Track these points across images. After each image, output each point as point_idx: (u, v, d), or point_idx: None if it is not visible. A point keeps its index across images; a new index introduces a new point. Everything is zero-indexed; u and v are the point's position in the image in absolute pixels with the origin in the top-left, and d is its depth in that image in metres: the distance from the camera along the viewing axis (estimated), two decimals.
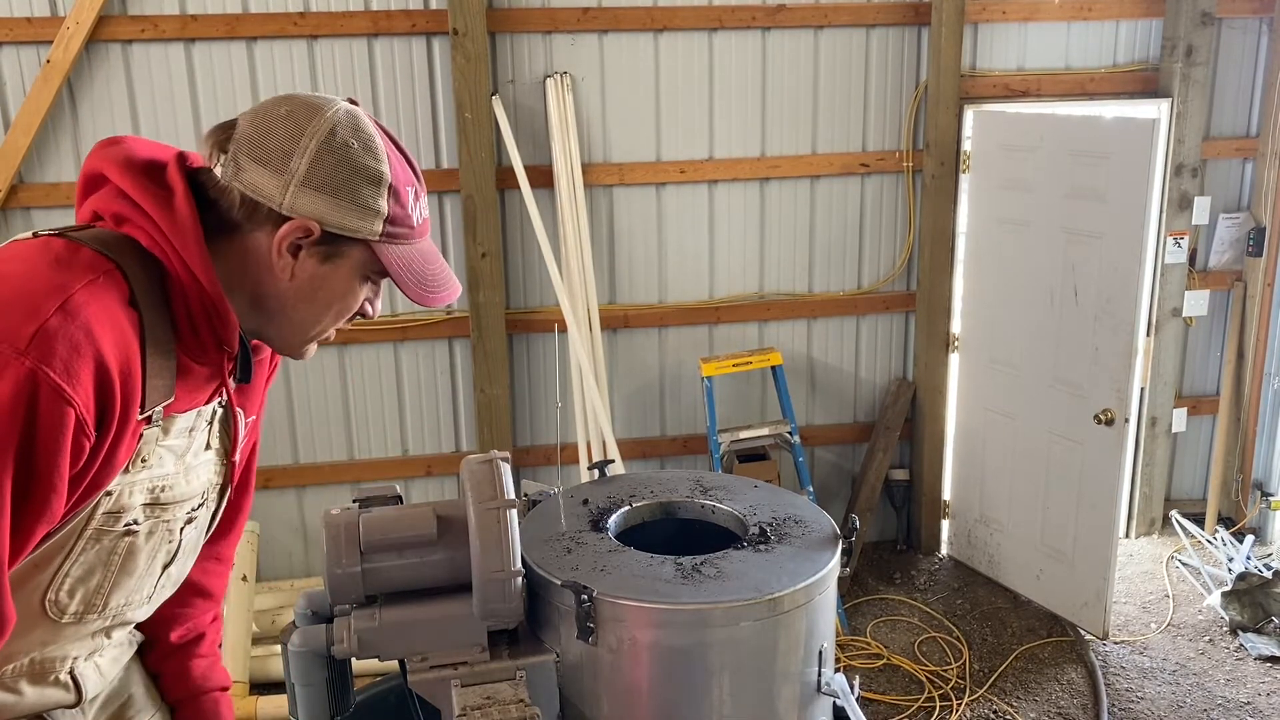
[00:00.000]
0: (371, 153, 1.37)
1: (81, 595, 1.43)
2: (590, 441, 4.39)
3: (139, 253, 1.32)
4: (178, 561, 1.56)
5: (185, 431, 1.45)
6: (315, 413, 4.48)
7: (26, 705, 1.48)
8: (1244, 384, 5.10)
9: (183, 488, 1.48)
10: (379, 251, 1.39)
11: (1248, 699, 3.97)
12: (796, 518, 1.74)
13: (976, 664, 4.23)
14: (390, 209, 1.38)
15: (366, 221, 1.37)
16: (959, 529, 5.01)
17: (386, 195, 1.37)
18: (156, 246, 1.32)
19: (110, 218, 1.35)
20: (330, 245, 1.37)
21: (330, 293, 1.41)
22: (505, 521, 1.47)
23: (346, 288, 1.42)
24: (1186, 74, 4.69)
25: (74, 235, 1.31)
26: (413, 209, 1.41)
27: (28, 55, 4.00)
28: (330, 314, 1.44)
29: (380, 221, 1.37)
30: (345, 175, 1.34)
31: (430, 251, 1.46)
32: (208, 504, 1.56)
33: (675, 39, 4.41)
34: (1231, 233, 5.03)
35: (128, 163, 1.36)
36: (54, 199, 4.09)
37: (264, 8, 4.09)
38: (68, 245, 1.29)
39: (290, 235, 1.34)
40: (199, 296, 1.33)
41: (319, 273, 1.39)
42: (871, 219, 4.77)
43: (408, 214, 1.40)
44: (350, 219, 1.35)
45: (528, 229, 4.39)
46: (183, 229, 1.31)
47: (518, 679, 1.51)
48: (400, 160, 1.42)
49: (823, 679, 1.59)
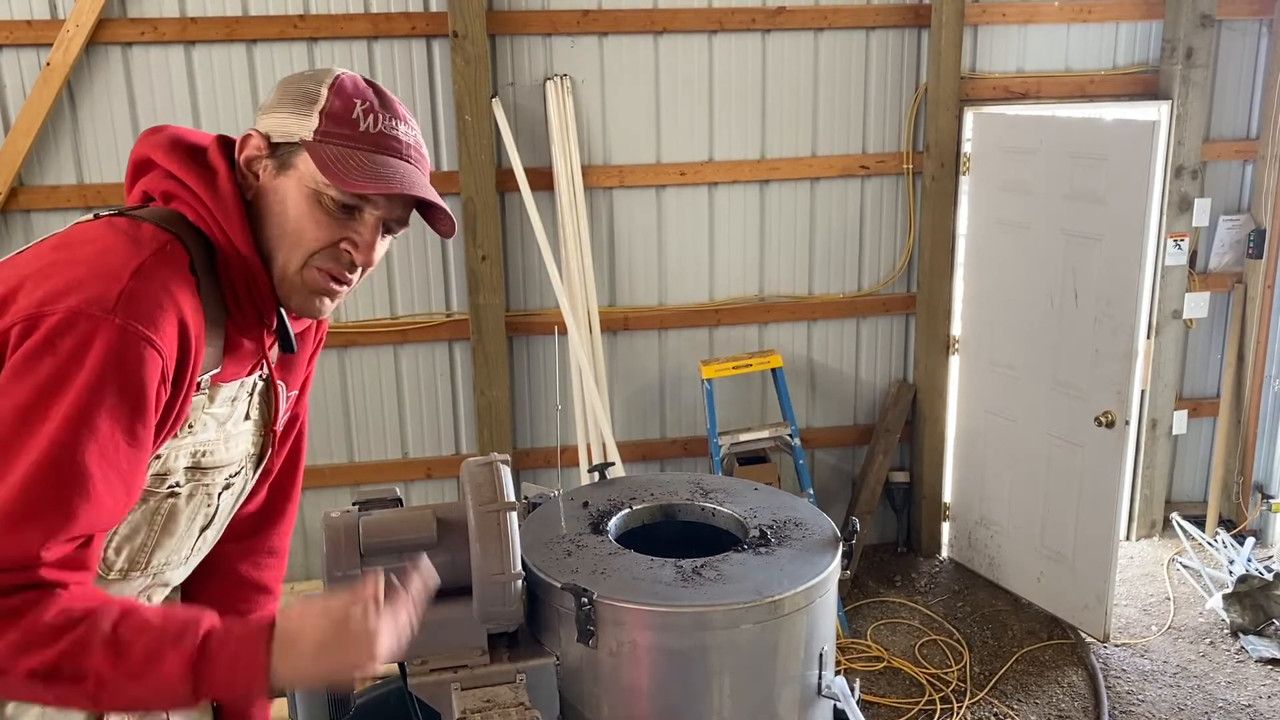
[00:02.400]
0: (321, 75, 1.44)
1: (127, 553, 1.50)
2: (590, 444, 4.39)
3: (189, 227, 1.41)
4: (214, 525, 1.63)
5: (229, 401, 1.52)
6: (315, 415, 4.48)
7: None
8: (1244, 386, 5.10)
9: (222, 454, 1.54)
10: (314, 151, 1.39)
11: (1249, 701, 3.96)
12: (797, 520, 1.74)
13: (977, 667, 4.22)
14: (326, 108, 1.41)
15: (303, 123, 1.41)
16: (959, 531, 5.01)
17: (325, 98, 1.41)
18: (202, 221, 1.41)
19: (160, 196, 1.45)
20: (280, 156, 1.42)
21: (286, 209, 1.42)
22: (505, 524, 1.47)
23: (300, 203, 1.41)
24: (1186, 76, 4.69)
25: (133, 213, 1.41)
26: (359, 116, 1.42)
27: (28, 58, 4.00)
28: (295, 237, 1.42)
29: (315, 119, 1.40)
30: (292, 91, 1.44)
31: (393, 162, 1.43)
32: (245, 472, 1.62)
33: (675, 41, 4.41)
34: (1231, 235, 5.03)
35: (173, 146, 1.46)
36: (54, 201, 4.09)
37: (264, 10, 4.09)
38: (130, 222, 1.38)
39: (245, 151, 1.43)
40: (241, 268, 1.42)
41: (273, 186, 1.43)
42: (871, 221, 4.77)
43: (351, 118, 1.41)
44: (288, 124, 1.42)
45: (528, 231, 4.39)
46: (225, 204, 1.41)
47: (518, 682, 1.51)
48: (366, 88, 1.45)
49: (823, 681, 1.59)
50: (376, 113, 1.43)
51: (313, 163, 1.39)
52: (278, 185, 1.42)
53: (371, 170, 1.40)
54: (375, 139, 1.42)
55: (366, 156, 1.41)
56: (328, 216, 1.42)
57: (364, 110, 1.42)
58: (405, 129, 1.46)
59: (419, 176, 1.46)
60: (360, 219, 1.44)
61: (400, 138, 1.45)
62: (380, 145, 1.42)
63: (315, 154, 1.39)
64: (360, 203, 1.42)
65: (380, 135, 1.43)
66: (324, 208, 1.41)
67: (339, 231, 1.43)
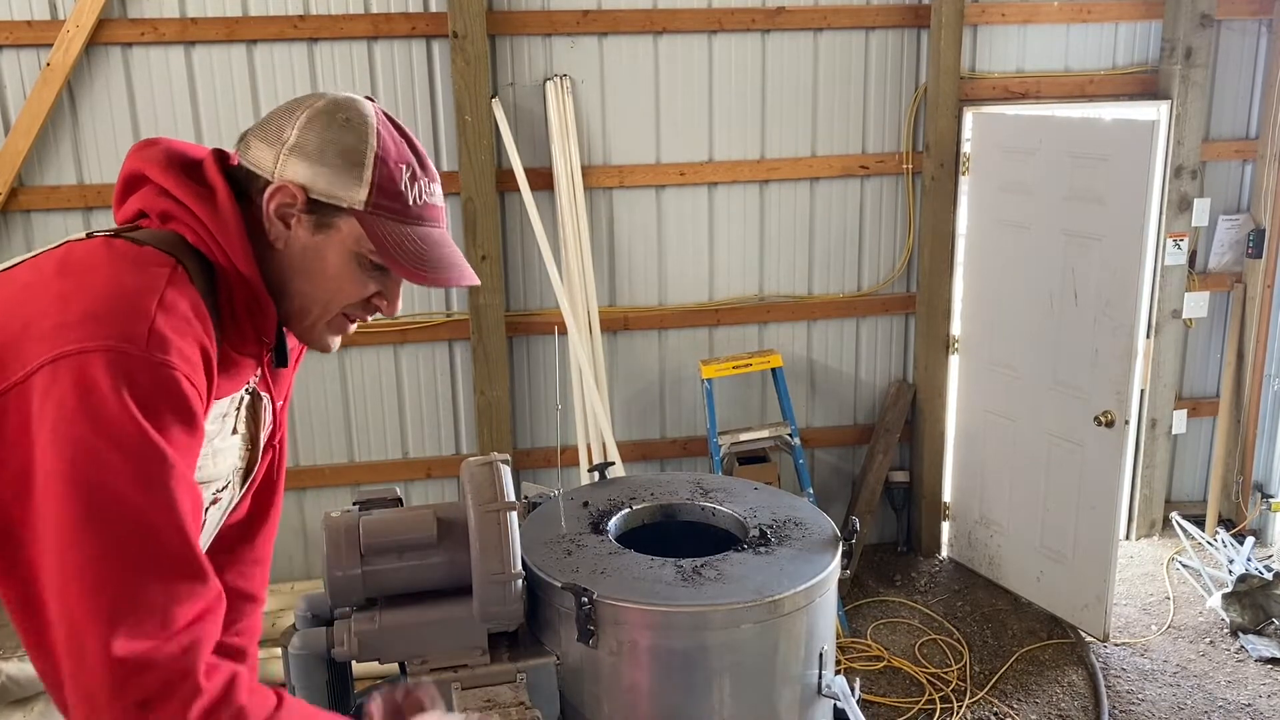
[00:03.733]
0: (359, 126, 1.40)
1: None
2: (590, 444, 4.39)
3: (188, 248, 1.39)
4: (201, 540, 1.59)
5: (219, 417, 1.51)
6: (315, 415, 4.48)
7: None
8: (1244, 385, 5.10)
9: (210, 469, 1.53)
10: (366, 224, 1.39)
11: (1248, 701, 3.96)
12: (796, 520, 1.74)
13: (977, 666, 4.23)
14: (376, 178, 1.39)
15: (350, 189, 1.38)
16: (959, 531, 5.01)
17: (372, 165, 1.39)
18: (202, 243, 1.39)
19: (156, 215, 1.42)
20: (318, 214, 1.40)
21: (324, 267, 1.42)
22: (505, 524, 1.47)
23: (340, 264, 1.42)
24: (1186, 76, 4.69)
25: (130, 235, 1.38)
26: (405, 187, 1.41)
27: (28, 58, 4.00)
28: (331, 294, 1.44)
29: (365, 190, 1.38)
30: (331, 143, 1.38)
31: (435, 237, 1.45)
32: (231, 486, 1.61)
33: (675, 41, 4.42)
34: (1231, 234, 5.03)
35: (168, 162, 1.42)
36: (54, 202, 4.09)
37: (264, 10, 4.09)
38: (130, 245, 1.35)
39: (276, 200, 1.39)
40: (243, 289, 1.40)
41: (311, 244, 1.41)
42: (871, 221, 4.78)
43: (399, 190, 1.41)
44: (334, 185, 1.38)
45: (528, 231, 4.39)
46: (226, 225, 1.38)
47: (518, 681, 1.51)
48: (401, 143, 1.44)
49: (823, 681, 1.59)
50: (420, 180, 1.44)
51: (361, 232, 1.39)
52: (317, 244, 1.41)
53: (428, 256, 1.42)
54: (422, 213, 1.44)
55: (416, 234, 1.42)
56: (365, 275, 1.44)
57: (409, 179, 1.42)
58: (438, 190, 1.48)
59: (459, 255, 1.48)
60: (392, 276, 1.46)
61: (438, 205, 1.47)
62: (426, 219, 1.44)
63: (369, 229, 1.39)
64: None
65: (426, 208, 1.44)
66: (363, 267, 1.43)
67: (373, 287, 1.45)
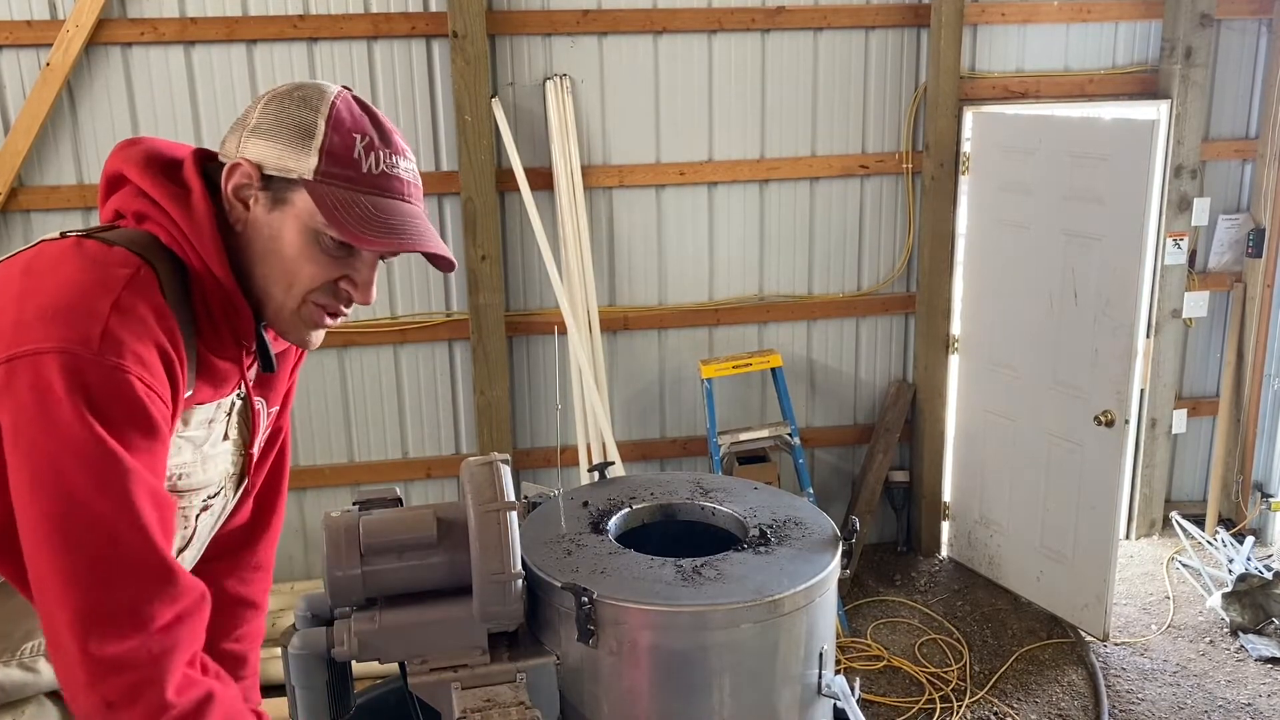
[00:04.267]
0: (314, 101, 1.38)
1: None
2: (590, 444, 4.39)
3: (163, 251, 1.37)
4: (191, 547, 1.60)
5: (205, 423, 1.49)
6: (315, 415, 4.48)
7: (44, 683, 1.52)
8: (1244, 385, 5.10)
9: (199, 476, 1.52)
10: (314, 192, 1.34)
11: (1248, 700, 3.96)
12: (796, 520, 1.74)
13: (977, 666, 4.23)
14: (326, 145, 1.35)
15: (300, 159, 1.35)
16: (959, 531, 5.01)
17: (323, 133, 1.35)
18: (175, 244, 1.37)
19: (132, 216, 1.40)
20: (273, 190, 1.37)
21: (282, 246, 1.38)
22: (505, 524, 1.47)
23: (297, 242, 1.37)
24: (1186, 75, 4.69)
25: (102, 236, 1.36)
26: (360, 155, 1.36)
27: (27, 58, 4.00)
28: (291, 276, 1.39)
29: (314, 156, 1.34)
30: (285, 120, 1.37)
31: (394, 206, 1.39)
32: (224, 493, 1.60)
33: (675, 41, 4.41)
34: (1231, 234, 5.03)
35: (146, 162, 1.40)
36: (54, 202, 4.09)
37: (264, 10, 4.09)
38: (99, 246, 1.33)
39: (233, 180, 1.37)
40: (216, 291, 1.38)
41: (267, 222, 1.38)
42: (871, 221, 4.77)
43: (352, 158, 1.36)
44: (285, 158, 1.35)
45: (527, 231, 4.39)
46: (199, 226, 1.36)
47: (518, 681, 1.51)
48: (362, 116, 1.40)
49: (823, 681, 1.59)
50: (377, 150, 1.38)
51: (313, 203, 1.35)
52: (271, 220, 1.37)
53: (378, 220, 1.36)
54: (377, 181, 1.38)
55: (370, 201, 1.36)
56: (326, 255, 1.39)
57: (365, 148, 1.37)
58: (405, 164, 1.42)
59: (424, 224, 1.42)
60: (358, 256, 1.41)
61: (401, 176, 1.41)
62: (383, 188, 1.38)
63: (317, 197, 1.34)
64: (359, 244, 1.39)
65: (383, 177, 1.38)
66: (322, 246, 1.38)
67: (337, 270, 1.40)
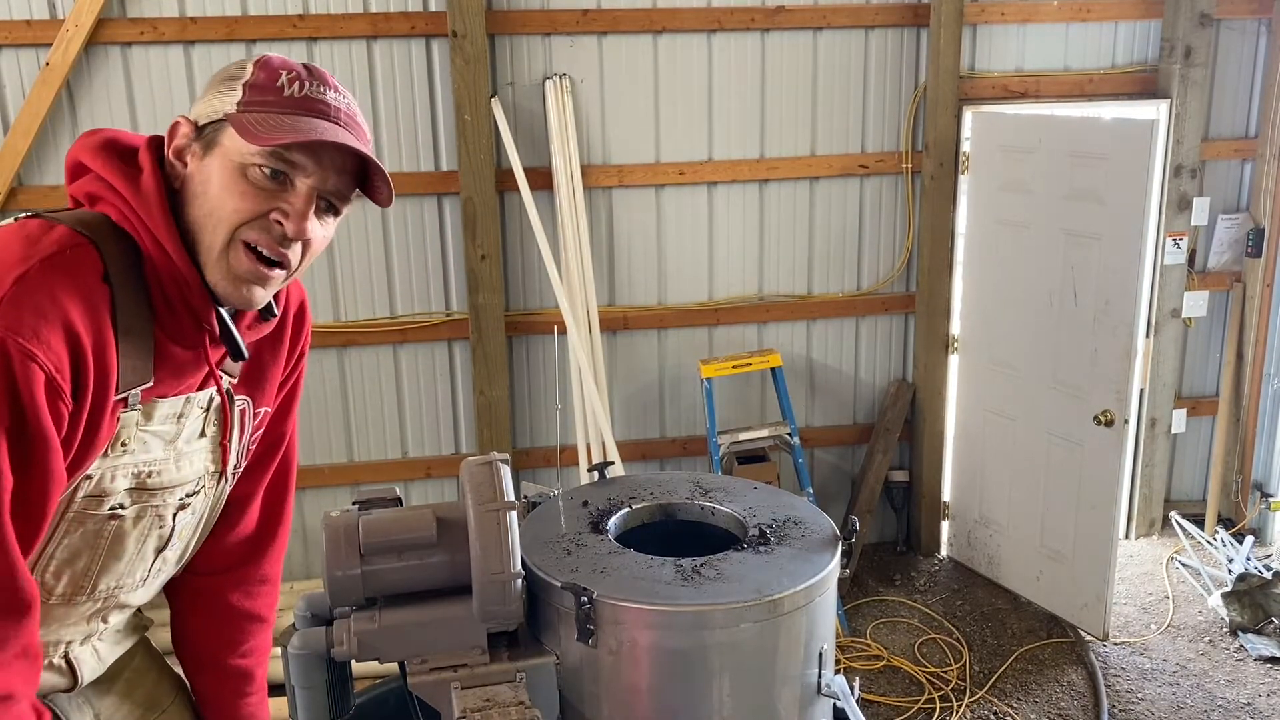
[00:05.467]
0: (248, 58, 1.40)
1: (69, 577, 1.44)
2: (590, 443, 4.39)
3: (114, 231, 1.35)
4: (172, 546, 1.57)
5: (172, 418, 1.45)
6: (315, 415, 4.48)
7: None
8: (1243, 385, 5.10)
9: (173, 474, 1.48)
10: (235, 122, 1.33)
11: (1248, 700, 3.97)
12: (796, 519, 1.74)
13: (976, 665, 4.23)
14: (250, 81, 1.36)
15: (226, 100, 1.36)
16: (959, 530, 5.01)
17: (250, 73, 1.36)
18: (126, 221, 1.35)
19: (85, 198, 1.40)
20: (206, 137, 1.36)
21: (211, 186, 1.35)
22: (505, 524, 1.47)
23: (223, 177, 1.34)
24: (1185, 75, 4.70)
25: (50, 215, 1.35)
26: (283, 84, 1.36)
27: (27, 58, 4.00)
28: (218, 211, 1.34)
29: (239, 91, 1.35)
30: (220, 75, 1.39)
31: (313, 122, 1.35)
32: (204, 491, 1.56)
33: (674, 40, 4.41)
34: (1230, 234, 5.03)
35: (101, 147, 1.40)
36: (53, 201, 4.09)
37: (263, 10, 4.09)
38: (42, 224, 1.32)
39: (174, 141, 1.38)
40: (168, 267, 1.35)
41: (200, 169, 1.37)
42: (871, 220, 4.78)
43: (274, 86, 1.35)
44: (213, 105, 1.37)
45: (527, 231, 4.39)
46: (147, 200, 1.34)
47: (518, 681, 1.51)
48: (295, 63, 1.40)
49: (823, 680, 1.59)
50: (302, 79, 1.37)
51: (235, 133, 1.33)
52: (203, 167, 1.36)
53: (293, 128, 1.33)
54: (300, 102, 1.36)
55: (290, 118, 1.34)
56: (254, 188, 1.34)
57: (289, 79, 1.36)
58: (335, 96, 1.39)
59: (344, 133, 1.37)
60: (292, 188, 1.36)
61: (328, 101, 1.38)
62: (305, 108, 1.36)
63: (237, 123, 1.32)
64: (289, 170, 1.35)
65: (305, 99, 1.36)
66: (250, 180, 1.34)
67: (266, 202, 1.35)
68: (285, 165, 1.34)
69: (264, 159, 1.33)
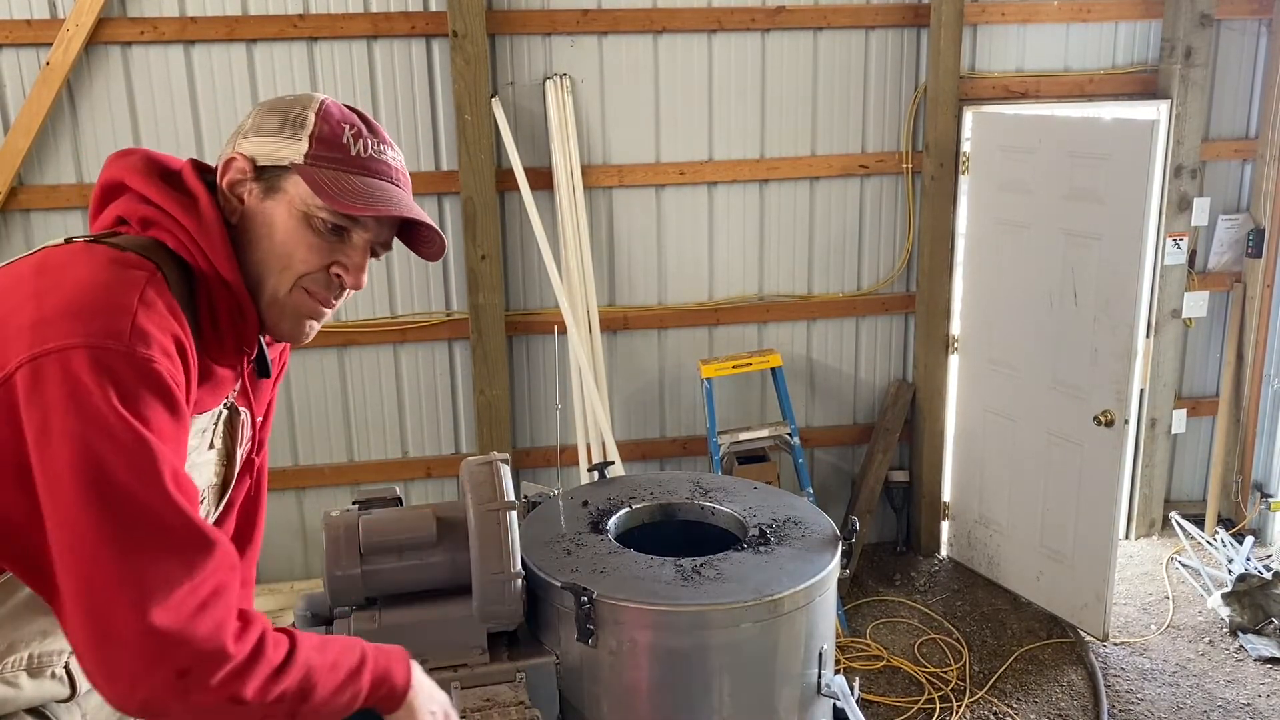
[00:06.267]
0: (304, 100, 1.44)
1: None
2: (590, 443, 4.39)
3: (167, 255, 1.38)
4: None
5: (199, 432, 1.48)
6: (315, 415, 4.48)
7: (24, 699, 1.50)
8: (1243, 385, 5.10)
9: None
10: (306, 175, 1.39)
11: (1248, 700, 3.97)
12: (796, 519, 1.74)
13: (976, 665, 4.23)
14: (316, 133, 1.41)
15: (291, 148, 1.40)
16: (958, 530, 5.01)
17: (313, 123, 1.42)
18: (184, 249, 1.39)
19: (137, 222, 1.41)
20: (266, 180, 1.41)
21: (273, 231, 1.41)
22: (505, 523, 1.47)
23: (289, 225, 1.41)
24: (1185, 75, 4.70)
25: (110, 241, 1.37)
26: (349, 141, 1.43)
27: (27, 57, 4.00)
28: (283, 260, 1.42)
29: (305, 144, 1.40)
30: (276, 116, 1.44)
31: (382, 185, 1.45)
32: (207, 502, 1.57)
33: (675, 41, 4.41)
34: (1231, 234, 5.03)
35: (147, 170, 1.43)
36: (54, 201, 4.09)
37: (264, 10, 4.09)
38: (111, 249, 1.35)
39: (228, 174, 1.41)
40: (225, 296, 1.40)
41: (260, 210, 1.42)
42: (871, 221, 4.78)
43: (341, 142, 1.42)
44: (277, 149, 1.41)
45: (527, 231, 4.39)
46: (209, 230, 1.39)
47: (517, 681, 1.51)
48: (350, 112, 1.47)
49: (822, 680, 1.59)
50: (365, 138, 1.45)
51: (304, 185, 1.39)
52: (265, 209, 1.41)
53: (365, 193, 1.41)
54: (365, 163, 1.44)
55: (359, 180, 1.42)
56: (318, 239, 1.42)
57: (353, 135, 1.44)
58: (392, 154, 1.48)
59: (411, 202, 1.47)
60: (349, 242, 1.44)
61: (389, 162, 1.47)
62: (370, 169, 1.44)
63: (308, 177, 1.39)
64: (350, 225, 1.43)
65: (370, 160, 1.44)
66: (314, 230, 1.41)
67: (329, 255, 1.44)
68: (348, 222, 1.43)
69: (330, 215, 1.41)
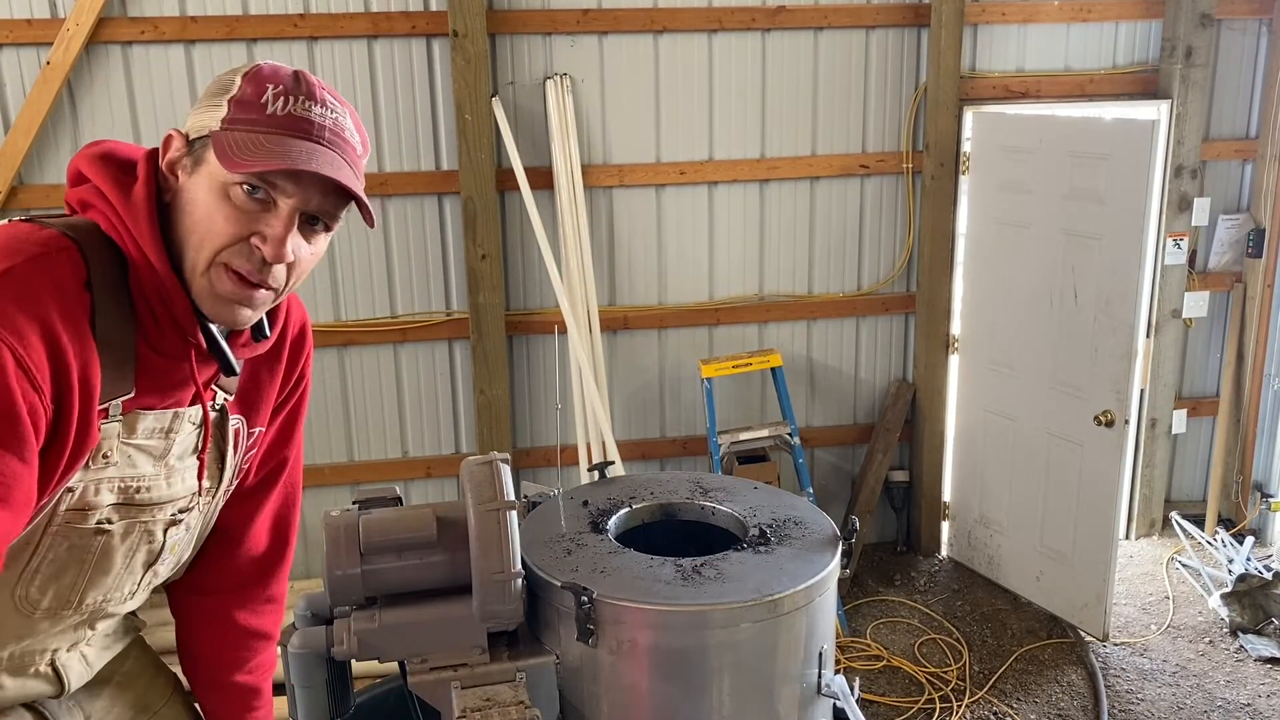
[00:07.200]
0: (240, 67, 1.38)
1: (54, 592, 1.43)
2: (590, 443, 4.39)
3: (102, 239, 1.34)
4: (163, 562, 1.55)
5: (158, 432, 1.43)
6: (315, 414, 4.48)
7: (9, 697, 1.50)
8: (1244, 385, 5.10)
9: (163, 490, 1.46)
10: (217, 141, 1.30)
11: (1248, 700, 3.97)
12: (796, 519, 1.74)
13: (976, 666, 4.23)
14: (236, 97, 1.33)
15: (214, 115, 1.33)
16: (959, 530, 5.01)
17: (238, 86, 1.34)
18: (113, 229, 1.34)
19: (77, 204, 1.40)
20: (195, 153, 1.34)
21: (197, 207, 1.33)
22: (505, 523, 1.46)
23: (207, 198, 1.32)
24: (1186, 75, 4.69)
25: (42, 218, 1.35)
26: (268, 100, 1.32)
27: (28, 57, 4.00)
28: (201, 233, 1.32)
29: (224, 106, 1.33)
30: (212, 87, 1.37)
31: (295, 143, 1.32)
32: (198, 508, 1.55)
33: (675, 40, 4.41)
34: (1231, 234, 5.03)
35: (100, 157, 1.40)
36: (54, 200, 4.09)
37: (264, 9, 4.09)
38: (31, 226, 1.32)
39: (168, 154, 1.37)
40: (153, 280, 1.33)
41: (188, 185, 1.34)
42: (871, 220, 4.77)
43: (258, 103, 1.32)
44: (204, 118, 1.34)
45: (528, 231, 4.39)
46: (136, 209, 1.33)
47: (518, 681, 1.51)
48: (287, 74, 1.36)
49: (823, 680, 1.59)
50: (288, 94, 1.33)
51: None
52: (190, 184, 1.34)
53: (269, 150, 1.29)
54: (282, 121, 1.32)
55: (270, 139, 1.30)
56: (236, 210, 1.31)
57: (274, 94, 1.33)
58: (321, 111, 1.35)
59: (326, 155, 1.33)
60: (274, 208, 1.33)
61: (312, 118, 1.34)
62: (287, 127, 1.32)
63: (217, 143, 1.30)
64: (271, 192, 1.32)
65: (288, 117, 1.32)
66: (232, 202, 1.31)
67: (247, 225, 1.32)
68: (264, 185, 1.31)
69: (244, 180, 1.30)
